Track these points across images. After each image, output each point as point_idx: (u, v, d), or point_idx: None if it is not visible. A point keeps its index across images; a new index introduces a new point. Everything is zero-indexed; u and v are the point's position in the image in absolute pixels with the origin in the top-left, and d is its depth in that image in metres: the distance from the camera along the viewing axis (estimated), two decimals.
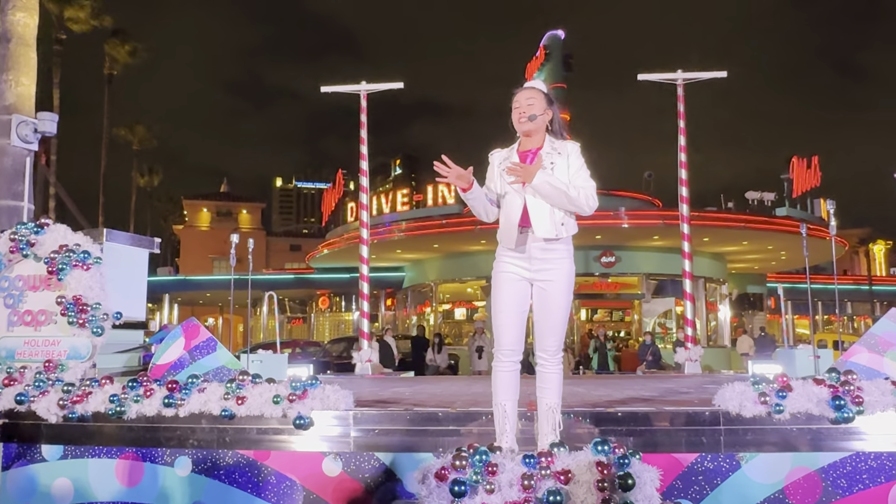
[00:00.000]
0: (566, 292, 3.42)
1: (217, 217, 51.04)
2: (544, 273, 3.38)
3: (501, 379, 3.44)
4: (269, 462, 3.89)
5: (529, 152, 3.48)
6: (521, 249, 3.39)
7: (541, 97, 3.50)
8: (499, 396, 3.43)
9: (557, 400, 3.43)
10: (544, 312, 3.42)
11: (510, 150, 3.56)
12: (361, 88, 11.87)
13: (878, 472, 3.54)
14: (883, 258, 47.76)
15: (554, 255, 3.39)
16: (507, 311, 3.42)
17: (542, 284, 3.39)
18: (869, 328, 7.45)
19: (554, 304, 3.40)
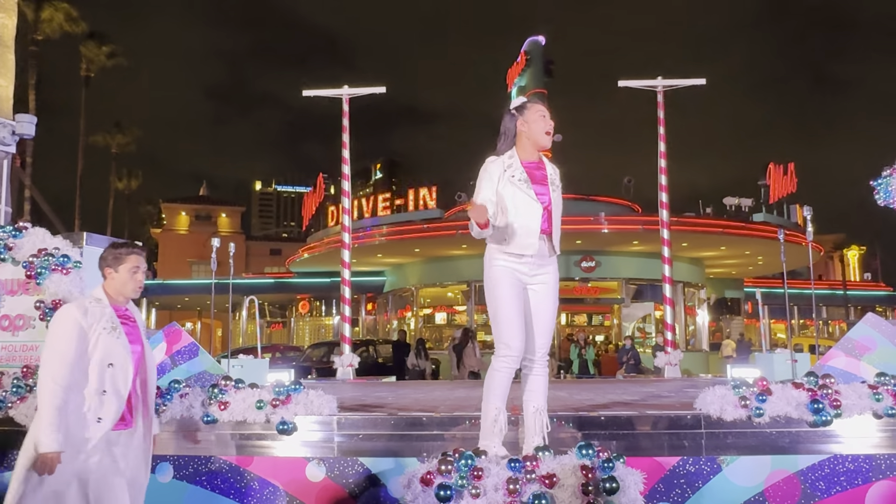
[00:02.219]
0: (556, 296, 3.49)
1: (196, 221, 50.63)
2: (538, 277, 3.43)
3: (500, 381, 3.40)
4: (251, 468, 3.86)
5: (534, 164, 3.52)
6: (532, 255, 3.41)
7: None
8: (497, 401, 3.40)
9: (544, 402, 3.48)
10: (538, 316, 3.44)
11: (510, 157, 3.54)
12: (344, 92, 11.85)
13: (856, 474, 3.59)
14: (857, 263, 48.53)
15: (548, 260, 3.47)
16: (513, 308, 3.38)
17: (536, 288, 3.43)
18: (844, 332, 7.50)
19: (546, 307, 3.44)
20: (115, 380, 3.02)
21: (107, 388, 2.99)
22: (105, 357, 3.02)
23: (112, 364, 3.03)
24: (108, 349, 3.03)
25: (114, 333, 3.05)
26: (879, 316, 4.42)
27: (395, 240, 19.05)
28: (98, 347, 3.01)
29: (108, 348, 3.03)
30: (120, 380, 3.04)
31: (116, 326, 3.07)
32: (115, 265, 3.17)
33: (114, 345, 3.04)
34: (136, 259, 3.19)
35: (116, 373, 3.03)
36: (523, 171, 3.46)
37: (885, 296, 37.70)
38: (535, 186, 3.44)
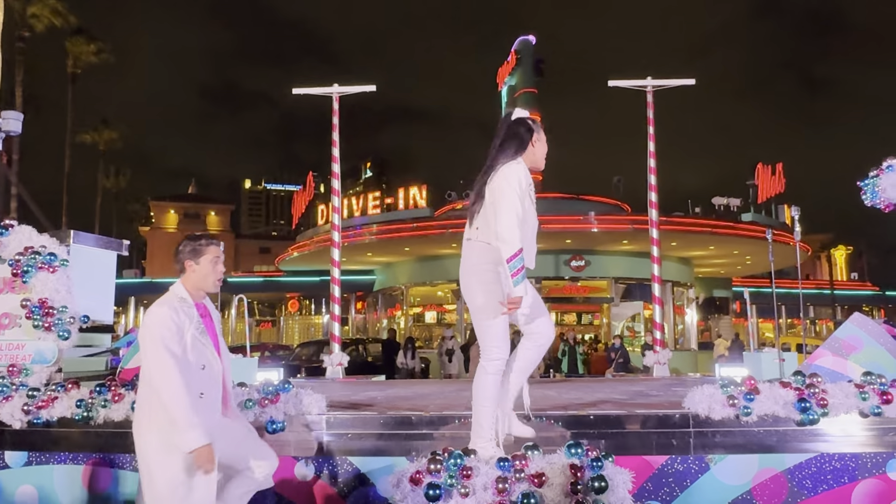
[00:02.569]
0: None
1: (185, 219, 50.43)
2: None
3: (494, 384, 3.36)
4: None
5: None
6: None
7: None
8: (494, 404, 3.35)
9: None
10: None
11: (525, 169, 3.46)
12: (333, 91, 11.81)
13: (842, 472, 3.62)
14: (844, 263, 48.93)
15: None
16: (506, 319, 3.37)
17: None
18: (831, 332, 7.52)
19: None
20: (209, 382, 3.03)
21: (204, 391, 2.98)
22: (198, 360, 3.01)
23: (205, 366, 3.02)
24: (200, 352, 3.02)
25: (203, 336, 3.04)
26: (866, 315, 4.45)
27: (385, 239, 19.02)
28: (192, 350, 2.99)
29: (200, 351, 3.02)
30: (213, 382, 3.05)
31: (202, 329, 3.06)
32: (195, 257, 3.11)
33: (204, 346, 3.04)
34: (216, 249, 3.15)
35: (209, 375, 3.03)
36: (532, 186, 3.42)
37: (871, 295, 38.04)
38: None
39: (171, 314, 2.96)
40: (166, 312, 2.95)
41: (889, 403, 3.66)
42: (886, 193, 4.83)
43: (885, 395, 3.68)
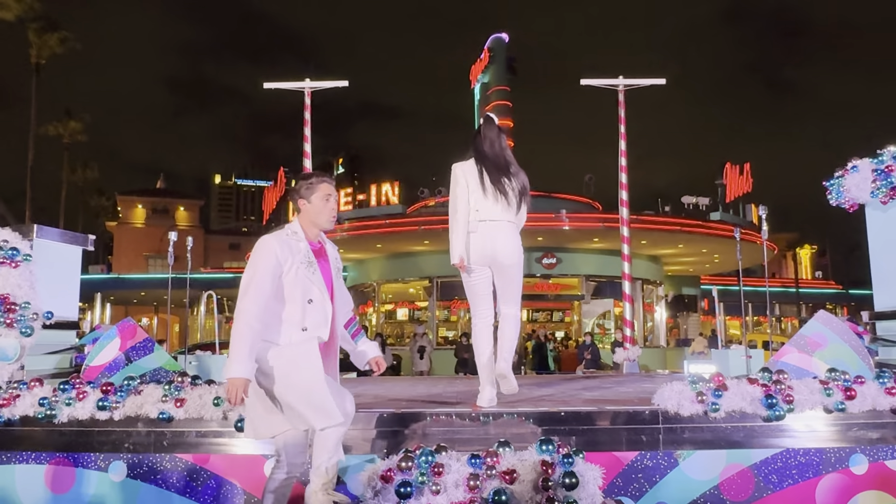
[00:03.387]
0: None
1: (153, 214, 49.67)
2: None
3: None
4: (208, 465, 3.80)
5: None
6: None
7: None
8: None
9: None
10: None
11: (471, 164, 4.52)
12: (305, 86, 11.71)
13: (807, 467, 3.69)
14: (809, 262, 49.90)
15: None
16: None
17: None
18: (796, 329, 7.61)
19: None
20: (315, 317, 3.03)
21: (307, 326, 3.01)
22: (304, 294, 3.03)
23: (311, 301, 3.04)
24: (305, 286, 3.03)
25: (310, 269, 3.06)
26: (830, 313, 4.53)
27: (357, 235, 18.94)
28: (297, 283, 3.01)
29: (305, 286, 3.03)
30: (320, 318, 3.05)
31: (312, 262, 3.08)
32: (307, 195, 3.17)
33: (310, 282, 3.04)
34: (328, 187, 3.20)
35: (316, 310, 3.04)
36: None
37: (835, 293, 38.86)
38: None
39: (275, 246, 3.03)
40: (271, 243, 3.03)
41: (852, 399, 3.73)
42: (851, 193, 4.93)
43: (848, 392, 3.75)
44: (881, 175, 4.68)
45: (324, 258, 3.20)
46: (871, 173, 4.76)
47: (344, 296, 3.29)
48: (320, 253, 3.20)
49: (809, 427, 3.78)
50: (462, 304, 21.01)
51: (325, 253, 3.23)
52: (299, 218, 3.20)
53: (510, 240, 4.40)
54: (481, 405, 4.20)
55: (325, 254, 3.23)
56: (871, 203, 4.89)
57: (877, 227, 4.92)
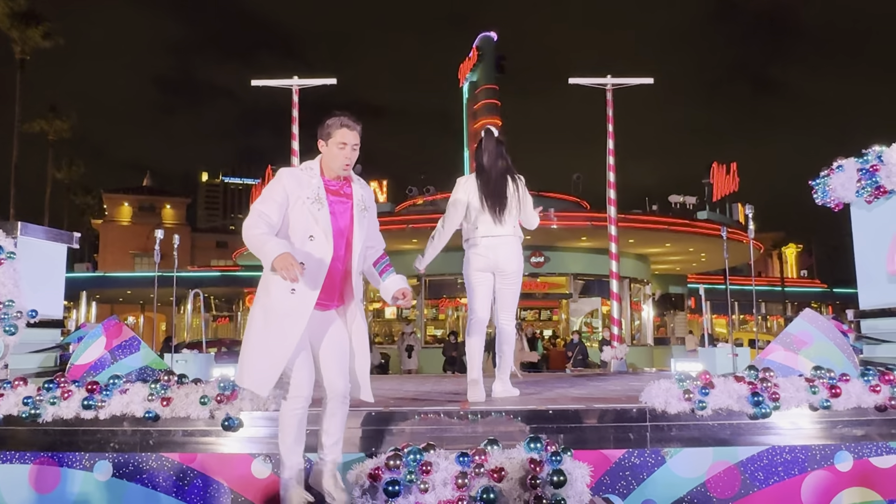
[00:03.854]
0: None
1: (139, 212, 49.35)
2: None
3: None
4: (195, 465, 3.77)
5: None
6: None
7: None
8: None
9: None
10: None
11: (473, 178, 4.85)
12: (293, 83, 11.68)
13: (792, 464, 3.71)
14: (794, 261, 50.28)
15: None
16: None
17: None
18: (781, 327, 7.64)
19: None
20: (313, 254, 2.99)
21: (305, 261, 2.94)
22: (305, 229, 2.98)
23: (313, 237, 2.99)
24: (307, 223, 2.99)
25: (316, 205, 3.01)
26: (815, 311, 4.56)
27: None
28: (300, 218, 2.98)
29: (307, 222, 2.99)
30: (317, 255, 3.00)
31: (321, 199, 3.02)
32: (325, 138, 3.12)
33: (316, 216, 2.99)
34: (345, 134, 3.11)
35: (315, 247, 2.99)
36: None
37: (820, 292, 39.21)
38: None
39: (285, 177, 3.04)
40: (282, 174, 3.05)
41: (837, 397, 3.75)
42: (836, 193, 4.96)
43: (833, 389, 3.77)
44: (866, 174, 4.71)
45: (345, 197, 3.13)
46: (856, 173, 4.80)
47: (372, 235, 3.25)
48: (340, 191, 3.13)
49: (795, 424, 3.80)
50: (450, 303, 21.01)
51: (346, 192, 3.15)
52: (321, 157, 3.16)
53: (511, 252, 4.77)
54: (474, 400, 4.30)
55: (346, 193, 3.15)
56: (856, 202, 4.93)
57: (861, 226, 4.96)
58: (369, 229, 3.23)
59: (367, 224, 3.19)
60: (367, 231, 3.21)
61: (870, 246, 4.85)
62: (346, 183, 3.18)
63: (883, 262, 4.62)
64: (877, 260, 4.73)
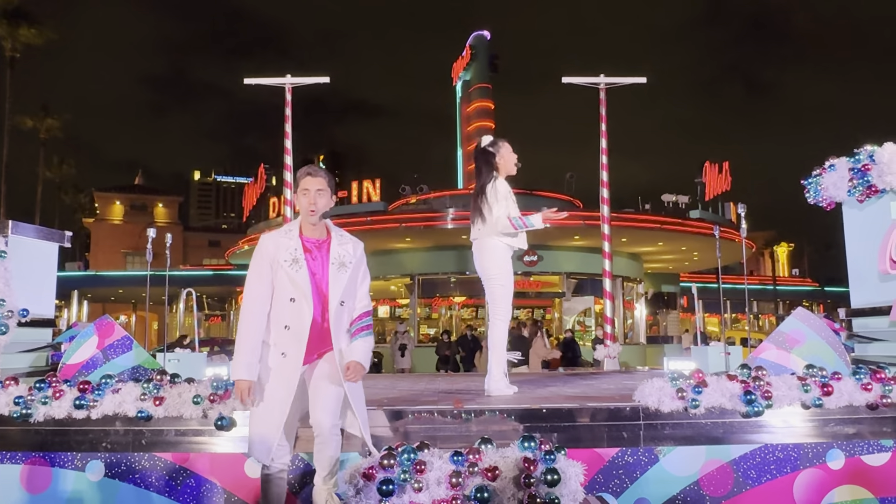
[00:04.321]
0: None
1: (131, 210, 49.14)
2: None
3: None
4: (188, 464, 3.76)
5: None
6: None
7: None
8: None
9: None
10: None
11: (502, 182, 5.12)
12: (286, 82, 11.65)
13: (785, 462, 3.73)
14: (786, 260, 50.49)
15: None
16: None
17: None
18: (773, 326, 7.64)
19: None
20: (294, 316, 3.07)
21: (289, 324, 3.06)
22: (286, 291, 3.07)
23: (293, 299, 3.07)
24: (287, 284, 3.07)
25: (294, 266, 3.07)
26: (807, 310, 4.58)
27: None
28: (281, 281, 3.06)
29: (287, 283, 3.07)
30: (301, 315, 3.07)
31: (298, 259, 3.09)
32: (295, 189, 3.22)
33: (293, 278, 3.06)
34: (307, 181, 3.19)
35: (296, 308, 3.07)
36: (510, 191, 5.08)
37: (812, 291, 39.39)
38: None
39: (267, 244, 3.13)
40: (264, 242, 3.14)
41: (829, 395, 3.77)
42: (828, 192, 4.98)
43: (825, 388, 3.79)
44: (858, 174, 4.73)
45: (318, 252, 3.17)
46: (847, 172, 4.82)
47: (351, 292, 3.22)
48: (318, 249, 3.18)
49: (787, 423, 3.82)
50: (443, 302, 21.01)
51: (323, 246, 3.19)
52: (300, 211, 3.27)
53: (477, 256, 5.12)
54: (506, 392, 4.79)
55: (323, 247, 3.19)
56: (847, 201, 4.95)
57: (853, 225, 4.98)
58: (348, 286, 3.20)
59: (344, 280, 3.18)
60: (346, 287, 3.19)
61: (861, 245, 4.88)
62: (326, 240, 3.22)
63: (874, 261, 4.64)
64: (868, 259, 4.75)
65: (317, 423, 3.16)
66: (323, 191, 3.20)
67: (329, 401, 3.17)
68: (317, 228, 3.21)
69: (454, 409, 3.88)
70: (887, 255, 4.50)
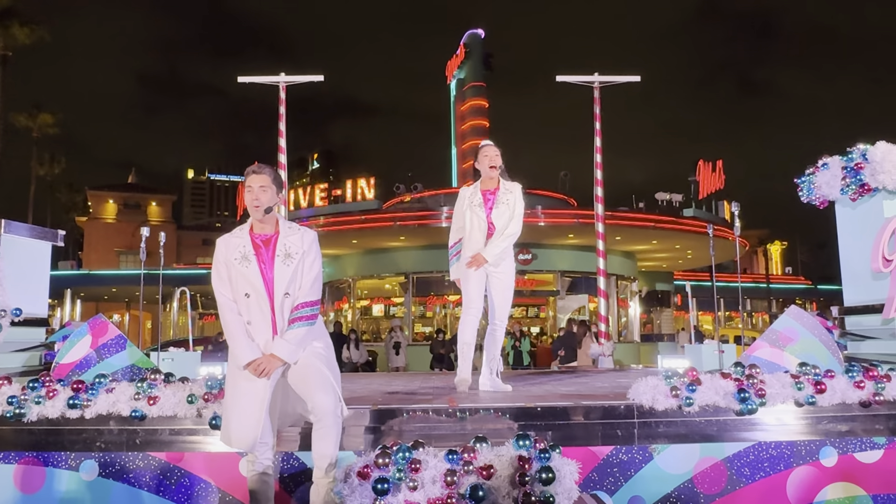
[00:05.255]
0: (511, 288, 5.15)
1: (124, 209, 48.93)
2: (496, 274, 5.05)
3: (470, 323, 4.99)
4: (182, 464, 3.75)
5: (489, 192, 5.07)
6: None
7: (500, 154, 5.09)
8: (466, 336, 5.01)
9: (497, 352, 5.11)
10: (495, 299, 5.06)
11: (474, 188, 5.11)
12: (280, 80, 11.63)
13: (778, 460, 3.74)
14: (779, 258, 50.63)
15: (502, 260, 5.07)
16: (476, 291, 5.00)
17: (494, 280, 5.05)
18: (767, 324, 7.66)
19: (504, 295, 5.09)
20: (253, 310, 3.17)
21: (250, 319, 3.18)
22: (241, 287, 3.18)
23: (248, 294, 3.17)
24: (239, 280, 3.18)
25: (244, 263, 3.18)
26: (800, 308, 4.60)
27: (333, 231, 18.83)
28: (235, 279, 3.18)
29: (239, 280, 3.18)
30: (258, 310, 3.17)
31: (247, 256, 3.20)
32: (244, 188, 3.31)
33: (245, 274, 3.17)
34: (251, 179, 3.31)
35: (253, 303, 3.17)
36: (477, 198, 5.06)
37: (805, 289, 39.52)
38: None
39: (219, 246, 3.25)
40: (217, 244, 3.25)
41: (822, 393, 3.79)
42: (821, 190, 5.00)
43: (818, 385, 3.81)
44: (851, 172, 4.75)
45: (266, 248, 3.26)
46: (840, 171, 4.84)
47: (295, 282, 3.25)
48: (264, 243, 3.28)
49: (781, 420, 3.83)
50: (437, 300, 21.02)
51: (271, 241, 3.28)
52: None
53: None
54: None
55: (271, 242, 3.28)
56: (840, 200, 4.97)
57: (846, 223, 5.00)
58: (293, 278, 3.24)
59: (289, 273, 3.23)
60: (290, 279, 3.23)
61: (854, 243, 4.90)
62: (274, 235, 3.30)
63: (867, 260, 4.66)
64: (861, 257, 4.77)
65: (318, 407, 3.14)
66: (266, 187, 3.29)
67: (323, 380, 3.20)
68: (266, 225, 3.30)
69: (449, 408, 3.88)
70: (880, 253, 4.53)
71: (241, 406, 3.19)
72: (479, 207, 5.00)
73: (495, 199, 5.03)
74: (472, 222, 5.01)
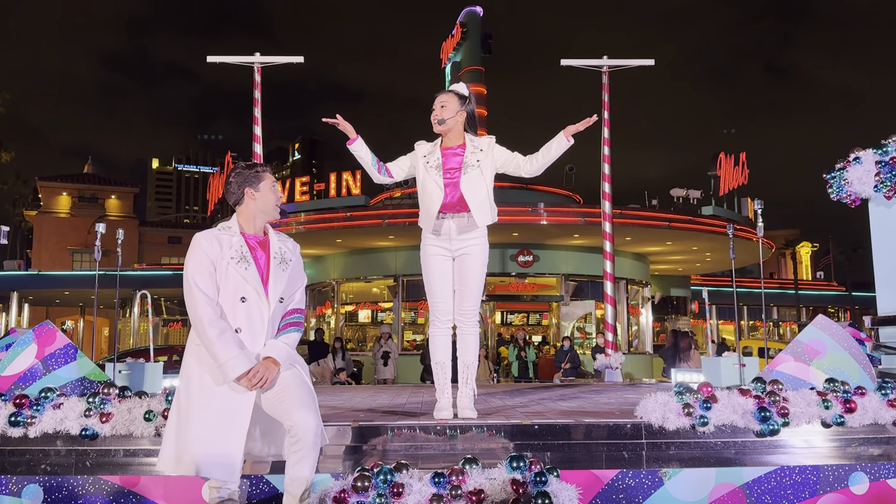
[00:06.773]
0: (482, 265, 4.43)
1: (79, 203, 48.78)
2: (463, 250, 4.38)
3: (440, 341, 4.53)
4: (138, 489, 3.72)
5: (451, 149, 4.44)
6: (438, 233, 4.39)
7: (454, 100, 4.46)
8: (438, 356, 4.53)
9: (473, 358, 4.52)
10: (463, 282, 4.41)
11: (434, 144, 4.52)
12: (255, 61, 11.60)
13: (803, 486, 3.74)
14: (809, 261, 50.85)
15: (470, 235, 4.38)
16: (439, 283, 4.43)
17: (462, 259, 4.39)
18: (795, 335, 7.71)
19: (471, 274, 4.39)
20: (249, 316, 3.13)
21: (241, 326, 3.11)
22: (236, 291, 3.13)
23: (245, 299, 3.13)
24: (237, 283, 3.13)
25: (242, 263, 3.16)
26: (830, 317, 4.60)
27: (315, 228, 18.81)
28: (228, 280, 3.12)
29: (237, 283, 3.13)
30: (255, 316, 3.14)
31: (245, 256, 3.18)
32: (255, 184, 3.31)
33: (245, 276, 3.14)
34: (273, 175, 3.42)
35: (251, 308, 3.14)
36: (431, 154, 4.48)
37: (837, 296, 39.64)
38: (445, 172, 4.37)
39: (204, 243, 3.15)
40: (200, 241, 3.16)
41: (852, 412, 3.80)
42: (853, 187, 5.01)
43: (848, 404, 3.81)
44: (885, 167, 4.76)
45: (262, 251, 3.28)
46: (874, 165, 4.85)
47: (289, 290, 3.32)
48: (262, 247, 3.30)
49: (806, 443, 3.84)
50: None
51: (266, 246, 3.31)
52: (240, 211, 3.32)
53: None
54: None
55: (266, 246, 3.31)
56: (874, 198, 4.98)
57: (881, 223, 5.01)
58: (288, 284, 3.32)
59: (285, 278, 3.29)
60: (287, 285, 3.30)
61: (890, 245, 4.91)
62: (265, 238, 3.36)
63: None
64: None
65: (299, 426, 3.10)
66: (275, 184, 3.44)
67: (306, 396, 3.16)
68: (258, 227, 3.35)
69: (437, 426, 3.88)
70: None
71: (220, 427, 3.07)
72: (435, 170, 4.36)
73: (462, 162, 4.35)
74: (426, 186, 4.39)
